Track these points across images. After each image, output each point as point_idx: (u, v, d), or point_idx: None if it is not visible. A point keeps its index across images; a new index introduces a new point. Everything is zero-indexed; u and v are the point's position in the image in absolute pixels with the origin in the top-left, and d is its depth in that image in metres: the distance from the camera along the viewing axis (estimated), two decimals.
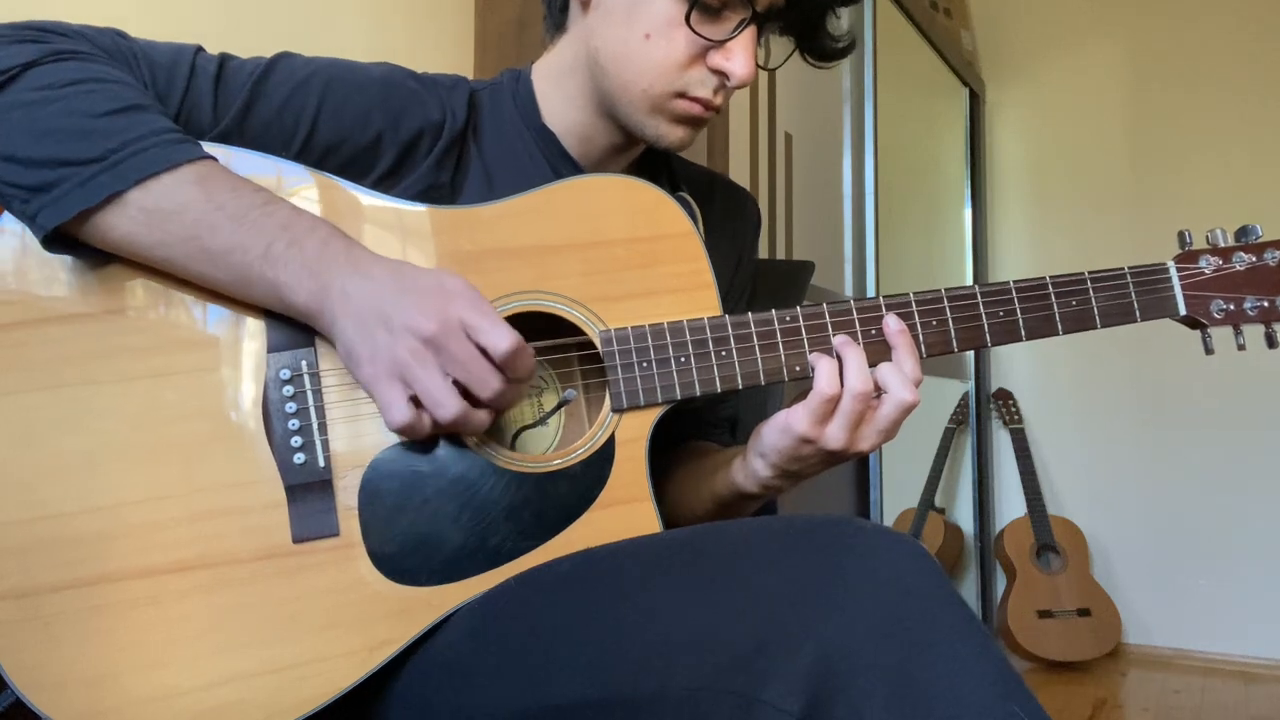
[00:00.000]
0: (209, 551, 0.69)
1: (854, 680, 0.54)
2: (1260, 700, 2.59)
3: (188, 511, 0.69)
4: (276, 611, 0.69)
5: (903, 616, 0.56)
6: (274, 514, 0.70)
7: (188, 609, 0.68)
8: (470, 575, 0.73)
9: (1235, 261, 0.86)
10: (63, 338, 0.69)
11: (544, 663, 0.66)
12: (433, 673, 0.72)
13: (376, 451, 0.73)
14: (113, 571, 0.68)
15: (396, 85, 0.82)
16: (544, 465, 0.76)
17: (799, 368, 0.79)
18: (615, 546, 0.72)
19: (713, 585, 0.62)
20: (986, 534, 3.15)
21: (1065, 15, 3.22)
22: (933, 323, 0.81)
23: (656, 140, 0.85)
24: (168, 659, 0.68)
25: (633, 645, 0.62)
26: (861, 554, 0.60)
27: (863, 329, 0.80)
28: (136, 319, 0.71)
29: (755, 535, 0.65)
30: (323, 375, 0.73)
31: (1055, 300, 0.82)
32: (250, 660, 0.69)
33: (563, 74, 0.88)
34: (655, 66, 0.81)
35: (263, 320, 0.72)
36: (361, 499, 0.72)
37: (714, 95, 0.82)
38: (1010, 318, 0.82)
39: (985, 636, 0.58)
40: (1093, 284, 0.83)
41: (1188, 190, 2.96)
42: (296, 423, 0.72)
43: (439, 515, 0.73)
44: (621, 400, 0.77)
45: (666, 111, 0.83)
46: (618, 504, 0.77)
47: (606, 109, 0.86)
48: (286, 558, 0.70)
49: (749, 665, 0.56)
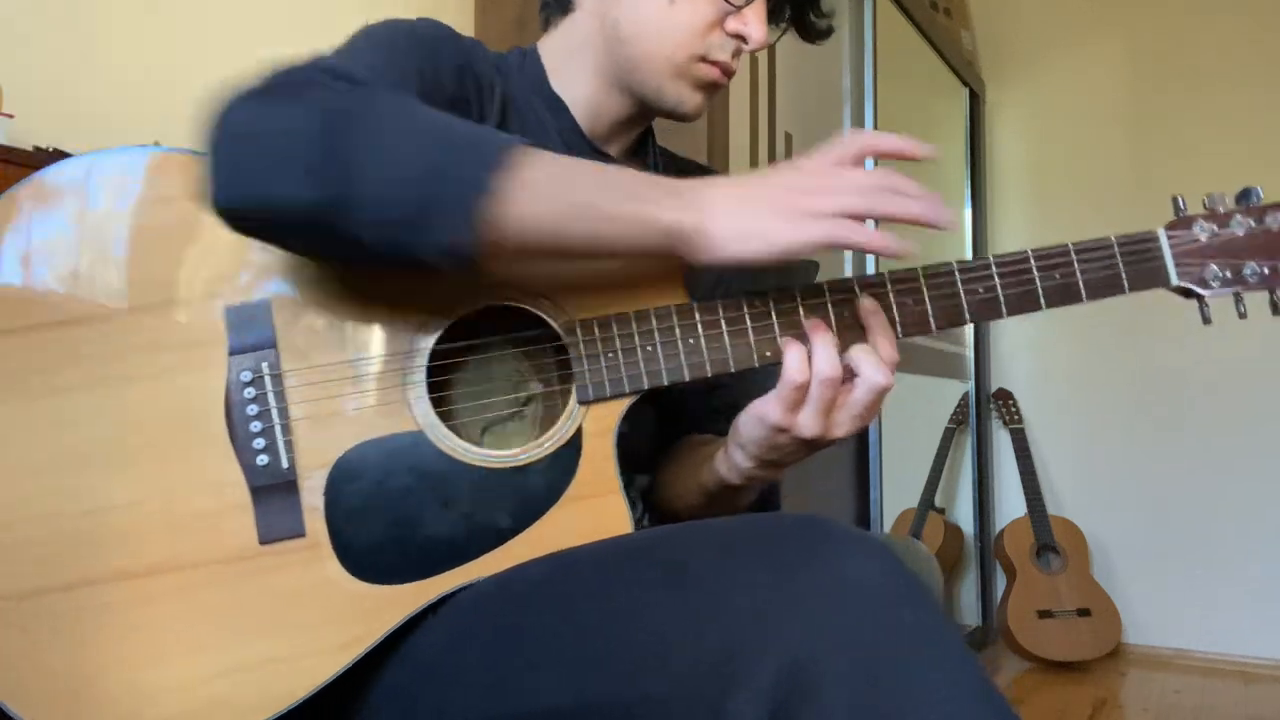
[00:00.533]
0: (181, 554, 0.70)
1: (820, 690, 0.54)
2: (1260, 700, 2.59)
3: (155, 515, 0.70)
4: (245, 612, 0.70)
5: (870, 622, 0.56)
6: (241, 516, 0.71)
7: (160, 611, 0.69)
8: (439, 572, 0.73)
9: (1234, 226, 0.80)
10: (24, 348, 0.70)
11: (518, 669, 0.66)
12: (415, 671, 0.72)
13: (341, 451, 0.73)
14: (89, 576, 0.68)
15: (457, 38, 0.85)
16: (510, 460, 0.75)
17: (770, 353, 0.77)
18: (588, 550, 0.72)
19: (679, 591, 0.62)
20: (986, 534, 3.15)
21: (1065, 15, 3.22)
22: (909, 302, 0.78)
23: (676, 106, 0.88)
24: (145, 661, 0.68)
25: (604, 652, 0.62)
26: (828, 558, 0.59)
27: (835, 311, 0.77)
28: (97, 326, 0.71)
29: (724, 538, 0.65)
30: (285, 376, 0.73)
31: (1038, 274, 0.79)
32: (222, 660, 0.69)
33: (572, 50, 0.90)
34: (680, 30, 0.84)
35: (223, 322, 0.72)
36: (327, 499, 0.72)
37: (732, 59, 0.87)
38: (990, 294, 0.79)
39: (956, 641, 0.57)
40: (1077, 255, 0.79)
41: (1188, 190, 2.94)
42: (259, 424, 0.72)
43: (405, 513, 0.73)
44: (588, 392, 0.76)
45: (689, 76, 0.86)
46: (586, 498, 0.76)
47: (623, 81, 0.88)
48: (254, 559, 0.71)
49: (717, 673, 0.56)
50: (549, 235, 0.68)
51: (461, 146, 0.66)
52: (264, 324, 0.73)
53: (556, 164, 0.68)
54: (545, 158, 0.68)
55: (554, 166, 0.68)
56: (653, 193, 0.70)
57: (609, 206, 0.68)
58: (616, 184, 0.70)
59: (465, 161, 0.65)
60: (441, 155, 0.65)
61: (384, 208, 0.64)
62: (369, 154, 0.64)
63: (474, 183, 0.64)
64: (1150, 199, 3.02)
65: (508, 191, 0.65)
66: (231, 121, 0.64)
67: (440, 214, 0.64)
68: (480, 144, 0.66)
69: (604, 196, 0.68)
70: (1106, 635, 2.86)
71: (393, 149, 0.64)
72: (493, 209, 0.64)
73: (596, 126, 0.92)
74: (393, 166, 0.64)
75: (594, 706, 0.61)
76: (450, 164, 0.64)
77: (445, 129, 0.67)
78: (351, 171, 0.63)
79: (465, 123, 0.69)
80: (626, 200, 0.69)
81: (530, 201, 0.66)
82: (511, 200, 0.65)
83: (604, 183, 0.69)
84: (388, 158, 0.64)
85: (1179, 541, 2.99)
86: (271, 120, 0.64)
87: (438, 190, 0.64)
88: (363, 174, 0.63)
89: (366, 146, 0.64)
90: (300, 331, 0.73)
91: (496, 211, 0.65)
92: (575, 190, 0.68)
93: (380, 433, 0.73)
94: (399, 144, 0.64)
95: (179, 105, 1.55)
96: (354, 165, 0.63)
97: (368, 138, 0.64)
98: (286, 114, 0.64)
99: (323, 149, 0.63)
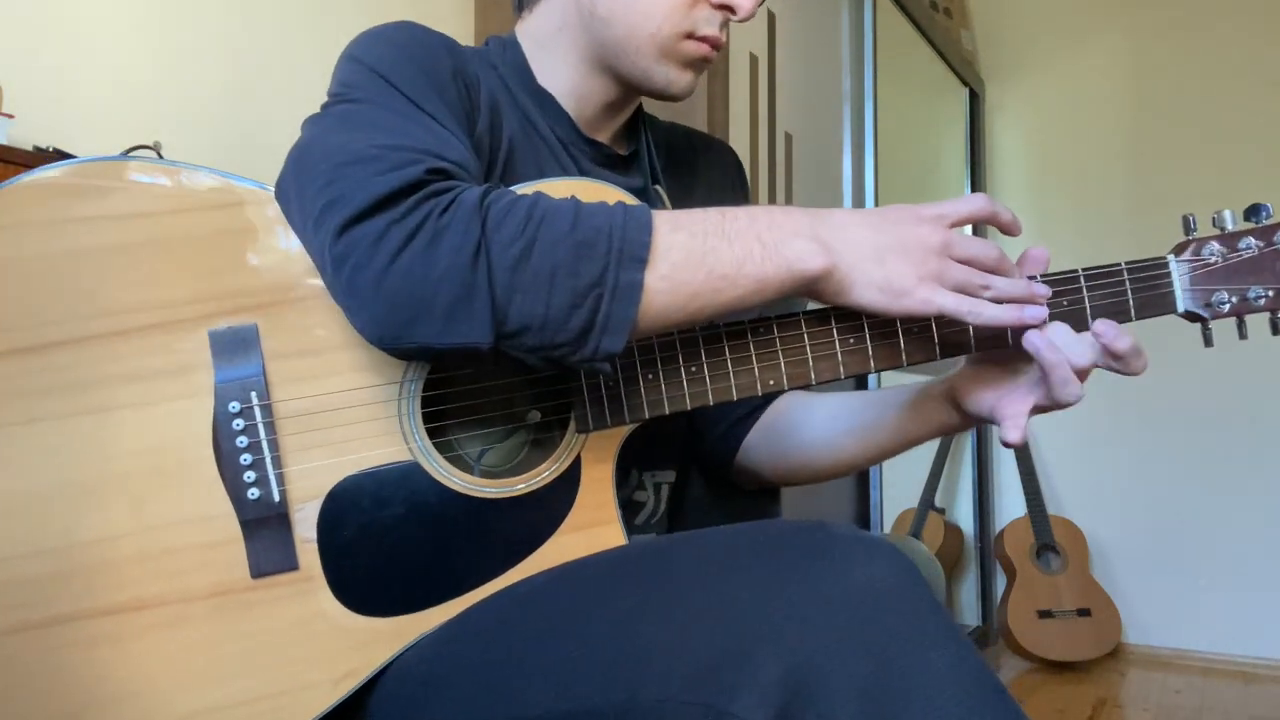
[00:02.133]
0: (166, 589, 0.68)
1: (825, 692, 0.53)
2: (1260, 700, 2.59)
3: (141, 549, 0.68)
4: (238, 647, 0.69)
5: (875, 626, 0.55)
6: (231, 549, 0.69)
7: (148, 646, 0.67)
8: (434, 604, 0.72)
9: (1242, 248, 0.80)
10: (1, 375, 0.67)
11: (515, 674, 0.66)
12: (407, 684, 0.71)
13: (334, 482, 0.71)
14: (70, 612, 0.67)
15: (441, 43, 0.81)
16: (508, 490, 0.74)
17: (773, 381, 0.76)
18: (590, 559, 0.71)
19: (683, 595, 0.61)
20: (986, 534, 3.15)
21: (1065, 14, 3.21)
22: (914, 329, 0.76)
23: (666, 87, 0.84)
24: (129, 696, 0.67)
25: (602, 655, 0.62)
26: (833, 561, 0.58)
27: (840, 338, 0.76)
28: (78, 353, 0.68)
29: (727, 544, 0.64)
30: (274, 406, 0.71)
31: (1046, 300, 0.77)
32: (213, 696, 0.68)
33: (551, 35, 0.87)
34: (664, 6, 0.80)
35: (209, 351, 0.70)
36: (320, 531, 0.71)
37: (720, 32, 0.83)
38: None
39: (963, 644, 0.57)
40: (1086, 281, 0.78)
41: (1188, 189, 2.96)
42: (249, 456, 0.70)
43: (400, 545, 0.72)
44: (587, 422, 0.75)
45: (675, 54, 0.82)
46: (584, 527, 0.75)
47: (607, 63, 0.85)
48: (245, 592, 0.69)
49: (718, 676, 0.56)
50: (694, 312, 0.69)
51: (604, 250, 0.65)
52: (252, 349, 0.70)
53: (682, 232, 0.68)
54: (673, 233, 0.67)
55: (684, 239, 0.68)
56: (782, 235, 0.69)
57: (748, 269, 0.68)
58: (745, 236, 0.69)
59: (614, 265, 0.65)
60: (579, 268, 0.64)
61: (545, 336, 0.65)
62: (521, 293, 0.64)
63: (628, 294, 0.65)
64: (1150, 199, 3.03)
65: (652, 287, 0.66)
66: (374, 261, 0.63)
67: (603, 331, 0.65)
68: (618, 237, 0.66)
69: (737, 259, 0.68)
70: (1106, 635, 2.86)
71: (542, 275, 0.64)
72: (643, 309, 0.66)
73: (585, 113, 0.88)
74: (546, 298, 0.64)
75: (596, 710, 0.60)
76: (601, 274, 0.65)
77: (574, 235, 0.65)
78: (509, 313, 0.64)
79: (591, 212, 0.67)
80: (763, 259, 0.68)
81: (671, 293, 0.67)
82: (655, 294, 0.66)
83: (732, 239, 0.68)
84: (539, 290, 0.64)
85: (1179, 541, 2.99)
86: (415, 265, 0.63)
87: (596, 310, 0.65)
88: (520, 311, 0.64)
89: (516, 287, 0.64)
90: (289, 360, 0.71)
91: (644, 310, 0.66)
92: (709, 262, 0.68)
93: (374, 463, 0.72)
94: (545, 268, 0.64)
95: (179, 105, 1.56)
96: (511, 306, 0.64)
97: (514, 276, 0.64)
98: (428, 259, 0.63)
99: (472, 292, 0.63)
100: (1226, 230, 0.80)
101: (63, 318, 0.68)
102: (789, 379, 0.76)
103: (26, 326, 0.68)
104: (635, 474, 0.88)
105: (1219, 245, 0.80)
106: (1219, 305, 0.80)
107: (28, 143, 1.31)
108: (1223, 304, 0.80)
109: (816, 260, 0.69)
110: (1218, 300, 0.80)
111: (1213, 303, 0.80)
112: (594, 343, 0.65)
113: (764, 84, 2.17)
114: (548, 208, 0.66)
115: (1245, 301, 0.80)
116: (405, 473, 0.72)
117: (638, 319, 0.66)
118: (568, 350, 0.65)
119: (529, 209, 0.65)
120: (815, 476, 0.95)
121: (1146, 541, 3.03)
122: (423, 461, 0.73)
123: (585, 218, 0.66)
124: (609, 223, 0.66)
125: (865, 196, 2.53)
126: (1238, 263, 0.80)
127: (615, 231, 0.65)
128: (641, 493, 0.89)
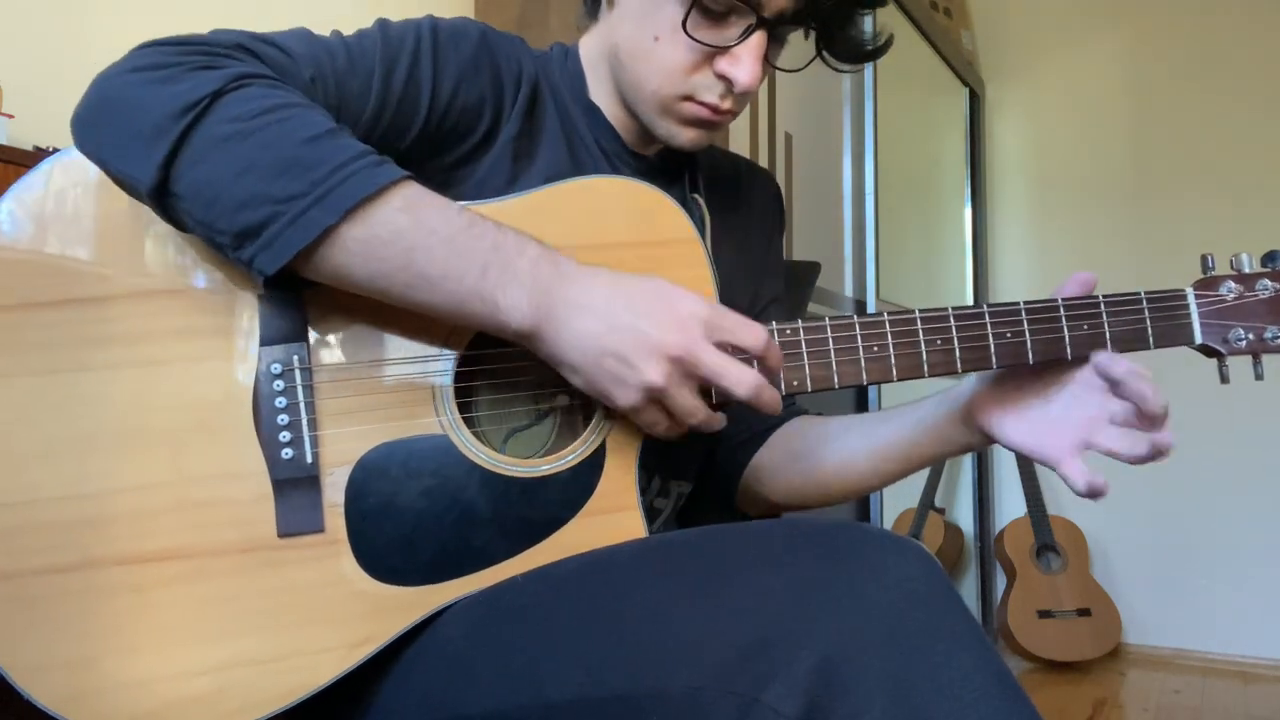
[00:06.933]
0: (193, 541, 0.69)
1: (855, 686, 0.54)
2: (1260, 700, 2.59)
3: (174, 501, 0.69)
4: (257, 604, 0.69)
5: (907, 623, 0.56)
6: (260, 507, 0.70)
7: (170, 597, 0.68)
8: (454, 577, 0.73)
9: (1259, 289, 0.82)
10: (57, 322, 0.69)
11: (544, 659, 0.65)
12: (432, 664, 0.71)
13: (365, 450, 0.72)
14: (97, 558, 0.68)
15: (493, 33, 0.83)
16: (533, 470, 0.75)
17: (796, 382, 0.77)
18: (619, 547, 0.71)
19: (716, 585, 0.61)
20: (986, 534, 3.15)
21: (1065, 15, 3.22)
22: (937, 341, 0.78)
23: (669, 139, 0.85)
24: (148, 645, 0.68)
25: (634, 642, 0.62)
26: (867, 558, 0.59)
27: (864, 345, 0.77)
28: (131, 307, 0.71)
29: (761, 537, 0.64)
30: (315, 371, 0.72)
31: (1066, 323, 0.80)
32: (229, 651, 0.69)
33: (597, 59, 0.89)
34: (662, 69, 0.81)
35: (256, 313, 0.72)
36: (348, 497, 0.72)
37: (721, 100, 0.82)
38: (1018, 339, 0.79)
39: (988, 646, 0.58)
40: (1106, 307, 0.80)
41: (1189, 189, 2.96)
42: (286, 418, 0.71)
43: (425, 516, 0.73)
44: None
45: (675, 113, 0.83)
46: (605, 512, 0.76)
47: (626, 102, 0.87)
48: (270, 551, 0.70)
49: (750, 666, 0.56)
50: (375, 291, 0.69)
51: (314, 180, 0.65)
52: (296, 317, 0.72)
53: (408, 216, 0.67)
54: (400, 211, 0.67)
55: (406, 222, 0.67)
56: (508, 277, 0.68)
57: (451, 285, 0.68)
58: (473, 254, 0.68)
59: (312, 198, 0.65)
60: (278, 181, 0.65)
61: (209, 215, 0.66)
62: (206, 165, 0.65)
63: (306, 229, 0.65)
64: (1150, 198, 3.03)
65: (342, 242, 0.66)
66: (112, 82, 0.67)
67: (263, 246, 0.66)
68: (338, 179, 0.65)
69: (448, 270, 0.67)
70: (1106, 635, 2.86)
71: (236, 163, 0.65)
72: (312, 255, 0.66)
73: (628, 135, 0.90)
74: (226, 184, 0.65)
75: (627, 696, 0.60)
76: (291, 198, 0.65)
77: (302, 149, 0.66)
78: (182, 173, 0.65)
79: (340, 149, 0.67)
80: (475, 285, 0.68)
81: (361, 256, 0.67)
82: (340, 249, 0.66)
83: (460, 249, 0.67)
84: (223, 172, 0.65)
85: (1179, 541, 2.99)
86: (134, 86, 0.66)
87: (267, 223, 0.65)
88: (193, 179, 0.65)
89: (204, 158, 0.65)
90: (331, 327, 0.73)
91: (321, 255, 0.66)
92: (416, 258, 0.67)
93: (405, 434, 0.73)
94: (243, 159, 0.65)
95: None
96: (188, 169, 0.65)
97: (209, 147, 0.65)
98: (147, 89, 0.66)
99: (159, 135, 0.65)
100: (1244, 273, 0.83)
101: (123, 273, 0.71)
102: (813, 381, 0.77)
103: (87, 279, 0.70)
104: (659, 480, 0.89)
105: (1236, 284, 0.83)
106: (1236, 341, 0.82)
107: (28, 143, 1.31)
108: (1239, 340, 0.82)
109: (523, 321, 0.68)
110: (1235, 337, 0.82)
111: (1229, 339, 0.83)
112: (251, 251, 0.66)
113: (764, 84, 2.17)
114: (299, 118, 0.67)
115: (1262, 341, 0.82)
116: (435, 446, 0.73)
117: (308, 257, 0.66)
118: (225, 242, 0.66)
119: (277, 106, 0.67)
120: (827, 499, 0.95)
121: (1146, 541, 3.03)
122: (452, 436, 0.74)
123: (324, 146, 0.66)
124: (340, 160, 0.66)
125: (865, 196, 2.54)
126: (1254, 302, 0.82)
127: (339, 172, 0.65)
128: (662, 499, 0.90)
